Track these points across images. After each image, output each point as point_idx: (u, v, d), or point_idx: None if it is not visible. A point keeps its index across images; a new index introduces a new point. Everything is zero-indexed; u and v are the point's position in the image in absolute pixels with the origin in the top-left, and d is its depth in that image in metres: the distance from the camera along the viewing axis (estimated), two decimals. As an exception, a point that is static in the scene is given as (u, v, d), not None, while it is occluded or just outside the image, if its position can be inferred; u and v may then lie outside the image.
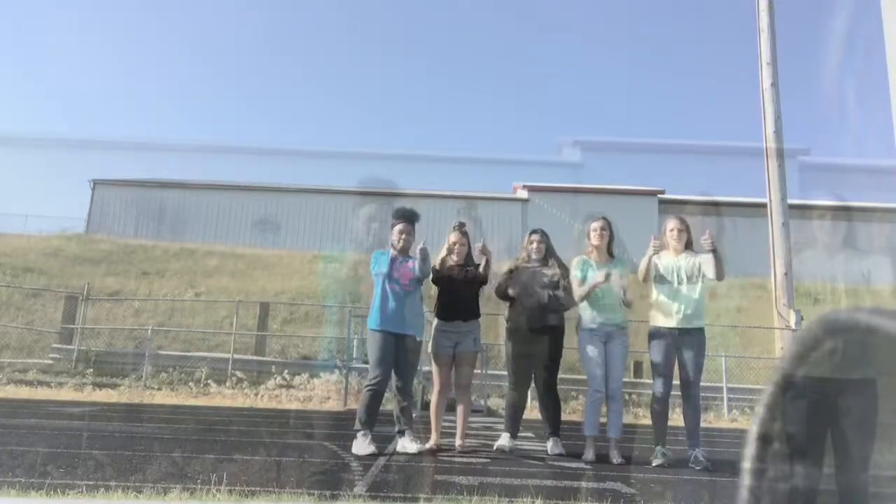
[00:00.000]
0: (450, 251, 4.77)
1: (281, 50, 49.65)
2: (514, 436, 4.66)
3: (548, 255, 4.81)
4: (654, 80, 48.78)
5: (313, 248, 21.22)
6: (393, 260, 4.60)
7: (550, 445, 4.60)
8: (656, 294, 4.48)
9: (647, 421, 4.62)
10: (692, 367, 4.30)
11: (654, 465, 4.18)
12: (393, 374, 4.47)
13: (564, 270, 4.74)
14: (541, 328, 4.64)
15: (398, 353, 4.44)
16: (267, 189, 24.44)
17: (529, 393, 5.16)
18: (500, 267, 5.08)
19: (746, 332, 12.01)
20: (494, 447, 4.59)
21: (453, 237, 4.78)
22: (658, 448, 4.28)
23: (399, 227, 4.68)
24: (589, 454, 4.39)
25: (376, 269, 4.61)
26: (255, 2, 50.25)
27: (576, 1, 47.77)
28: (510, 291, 4.77)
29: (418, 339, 4.55)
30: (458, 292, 4.68)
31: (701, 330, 4.36)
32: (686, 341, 4.32)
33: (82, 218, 23.99)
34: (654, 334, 4.44)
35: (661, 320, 4.42)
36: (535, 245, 4.82)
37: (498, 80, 50.78)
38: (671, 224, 4.63)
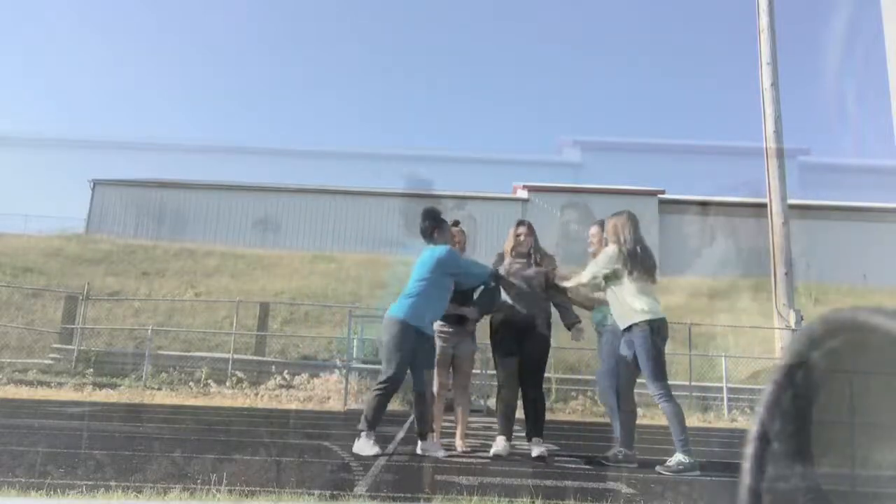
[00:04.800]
0: None
1: (281, 50, 49.67)
2: (508, 438, 4.41)
3: (533, 250, 4.62)
4: (653, 80, 48.81)
5: (313, 249, 21.22)
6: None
7: (533, 448, 4.31)
8: None
9: (647, 421, 4.62)
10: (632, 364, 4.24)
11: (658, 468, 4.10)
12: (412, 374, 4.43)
13: (549, 260, 4.59)
14: (525, 326, 4.43)
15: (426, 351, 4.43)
16: (267, 189, 24.45)
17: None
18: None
19: (746, 332, 12.01)
20: (491, 453, 4.31)
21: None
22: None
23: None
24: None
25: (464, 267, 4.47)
26: (255, 2, 50.24)
27: (576, 1, 47.75)
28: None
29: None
30: (458, 293, 4.64)
31: (629, 328, 4.16)
32: (626, 339, 4.22)
33: (82, 218, 24.01)
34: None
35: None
36: (522, 238, 4.62)
37: (498, 81, 50.80)
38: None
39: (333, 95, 50.04)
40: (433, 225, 4.50)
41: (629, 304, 4.16)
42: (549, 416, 5.33)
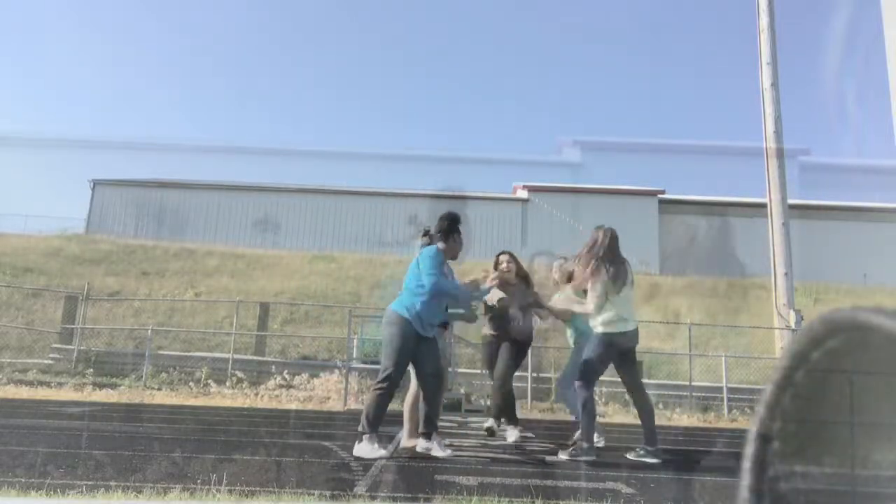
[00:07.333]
0: None
1: (281, 50, 49.67)
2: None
3: (516, 274, 5.05)
4: (654, 80, 48.87)
5: (313, 249, 21.22)
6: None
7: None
8: None
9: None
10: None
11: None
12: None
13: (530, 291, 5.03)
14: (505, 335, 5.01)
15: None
16: (267, 189, 24.44)
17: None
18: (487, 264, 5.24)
19: (746, 332, 12.01)
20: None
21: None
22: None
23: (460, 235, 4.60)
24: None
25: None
26: (255, 2, 50.26)
27: (576, 1, 47.77)
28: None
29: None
30: None
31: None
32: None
33: (82, 218, 24.01)
34: None
35: None
36: (504, 265, 5.03)
37: (498, 80, 50.83)
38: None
39: (334, 95, 50.11)
40: (450, 227, 4.40)
41: (597, 317, 4.42)
42: (550, 416, 5.42)
